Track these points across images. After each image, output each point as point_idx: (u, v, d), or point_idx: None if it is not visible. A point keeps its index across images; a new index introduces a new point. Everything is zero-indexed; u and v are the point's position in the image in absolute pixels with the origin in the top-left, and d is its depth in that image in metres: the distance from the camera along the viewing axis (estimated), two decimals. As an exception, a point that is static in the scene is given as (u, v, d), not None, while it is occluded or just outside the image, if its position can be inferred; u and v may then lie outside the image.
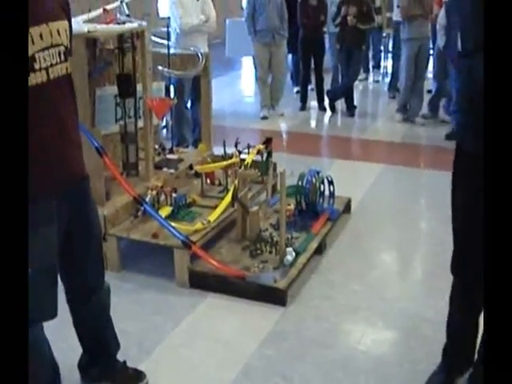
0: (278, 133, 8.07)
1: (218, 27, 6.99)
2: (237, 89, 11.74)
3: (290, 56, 10.17)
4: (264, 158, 4.95)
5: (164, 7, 6.97)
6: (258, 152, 4.87)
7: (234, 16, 14.40)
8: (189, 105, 6.76)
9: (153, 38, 5.05)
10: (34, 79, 2.20)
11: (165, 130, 6.81)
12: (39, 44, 2.20)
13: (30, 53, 2.16)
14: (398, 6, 8.22)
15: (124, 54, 4.41)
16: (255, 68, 9.14)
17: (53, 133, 2.32)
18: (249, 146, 4.92)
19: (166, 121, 6.64)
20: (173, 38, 6.30)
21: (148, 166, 4.60)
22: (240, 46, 11.23)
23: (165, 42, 5.45)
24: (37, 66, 2.20)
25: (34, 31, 2.18)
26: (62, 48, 2.32)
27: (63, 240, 2.46)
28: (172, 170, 4.85)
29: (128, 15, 4.81)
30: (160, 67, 5.18)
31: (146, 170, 4.60)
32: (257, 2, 8.33)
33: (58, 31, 2.30)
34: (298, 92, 9.74)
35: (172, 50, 5.51)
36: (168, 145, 5.45)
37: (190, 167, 5.02)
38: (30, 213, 2.20)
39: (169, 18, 6.37)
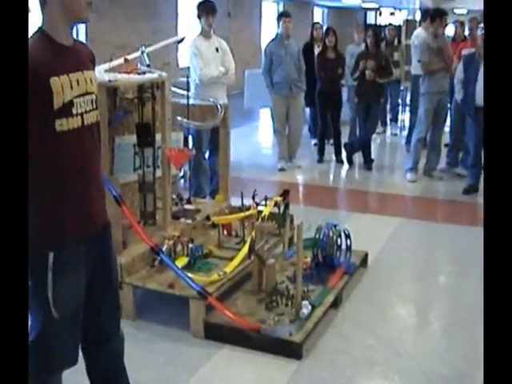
0: (296, 185, 8.12)
1: (236, 78, 7.08)
2: (255, 140, 11.85)
3: (307, 109, 10.30)
4: (281, 211, 4.98)
5: (184, 57, 7.11)
6: (276, 204, 4.90)
7: (253, 67, 14.61)
8: (207, 155, 6.82)
9: (173, 88, 5.14)
10: (71, 124, 2.35)
11: (182, 180, 6.87)
12: (76, 90, 2.37)
13: (70, 98, 2.33)
14: (418, 61, 8.29)
15: (144, 103, 4.50)
16: (273, 120, 9.25)
17: (82, 178, 2.43)
18: (266, 198, 4.96)
19: (184, 171, 6.70)
20: (192, 88, 6.40)
21: (165, 215, 4.64)
22: (258, 97, 11.34)
23: (184, 92, 5.54)
24: (74, 111, 2.36)
25: (74, 77, 2.36)
26: (93, 96, 2.48)
27: (89, 285, 2.53)
28: (189, 221, 4.89)
29: (148, 65, 4.91)
30: (179, 118, 5.27)
31: (164, 220, 4.64)
32: (274, 55, 8.47)
33: (91, 80, 2.47)
34: (315, 145, 9.80)
35: (191, 101, 5.60)
36: (185, 195, 5.49)
37: (207, 218, 5.05)
38: (59, 258, 2.31)
39: (188, 68, 6.49)
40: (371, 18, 28.47)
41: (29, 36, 2.21)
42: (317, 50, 9.53)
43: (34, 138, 2.24)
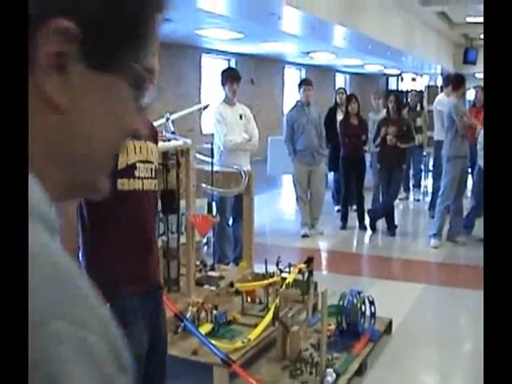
0: (319, 251, 8.14)
1: (260, 145, 7.17)
2: (278, 206, 11.93)
3: (331, 174, 10.39)
4: (305, 277, 4.99)
5: (208, 124, 7.24)
6: (299, 271, 4.92)
7: (276, 134, 14.79)
8: (230, 222, 6.88)
9: (197, 155, 5.25)
10: (133, 185, 2.50)
11: (206, 247, 6.92)
12: (140, 156, 2.53)
13: (133, 160, 2.49)
14: (444, 126, 8.30)
15: (168, 170, 4.58)
16: (295, 187, 9.32)
17: (140, 235, 2.54)
18: (290, 265, 4.98)
19: (208, 237, 6.76)
20: (216, 155, 6.50)
21: (189, 282, 4.68)
22: (281, 163, 11.45)
23: (208, 159, 5.64)
24: (136, 174, 2.51)
25: (138, 144, 2.53)
26: (153, 166, 2.63)
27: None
28: (213, 287, 4.92)
29: (173, 132, 5.02)
30: (203, 184, 5.35)
31: (187, 286, 4.67)
32: (295, 123, 8.59)
33: (152, 151, 2.63)
34: (338, 211, 9.83)
35: (215, 168, 5.69)
36: (209, 261, 5.54)
37: (231, 284, 5.07)
38: (115, 309, 2.35)
39: (212, 134, 6.60)
40: (393, 84, 28.78)
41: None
42: (340, 116, 9.67)
43: None
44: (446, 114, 8.17)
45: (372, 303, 4.95)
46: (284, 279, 4.72)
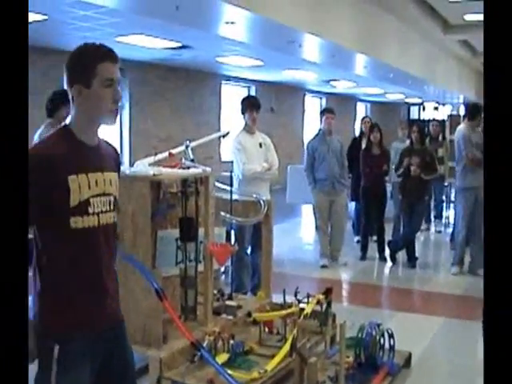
0: (338, 282, 8.13)
1: (279, 173, 7.20)
2: (297, 236, 11.94)
3: (352, 203, 10.39)
4: (324, 309, 5.00)
5: (227, 152, 7.29)
6: (318, 302, 4.93)
7: (296, 162, 14.84)
8: (249, 251, 6.89)
9: (216, 183, 5.29)
10: (87, 222, 2.43)
11: (224, 276, 6.94)
12: (94, 190, 2.46)
13: (86, 196, 2.42)
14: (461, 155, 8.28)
15: (187, 197, 4.63)
16: (315, 216, 9.32)
17: (93, 275, 2.49)
18: (308, 296, 5.00)
19: (226, 266, 6.78)
20: (235, 183, 6.53)
21: (206, 310, 4.70)
22: (301, 192, 11.46)
23: (227, 187, 5.67)
24: (90, 210, 2.44)
25: (92, 177, 2.47)
26: (112, 198, 2.56)
27: (95, 381, 2.53)
28: (230, 317, 4.94)
29: (192, 160, 5.07)
30: (222, 213, 5.39)
31: (205, 315, 4.70)
32: (316, 152, 8.61)
33: (111, 181, 2.56)
34: (358, 242, 9.82)
35: (234, 196, 5.71)
36: (227, 290, 5.56)
37: (249, 314, 5.09)
38: (64, 352, 2.37)
39: (232, 162, 6.64)
40: (415, 113, 28.82)
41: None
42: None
43: (48, 231, 2.40)
44: (456, 144, 8.22)
45: (391, 336, 4.94)
46: (302, 310, 4.74)
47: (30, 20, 8.20)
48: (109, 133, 13.77)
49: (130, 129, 13.99)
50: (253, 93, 18.24)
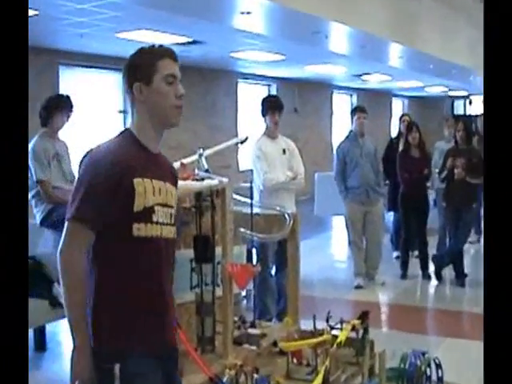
0: (376, 305, 8.10)
1: (305, 182, 7.15)
2: (327, 253, 11.93)
3: (391, 213, 10.33)
4: (360, 335, 4.98)
5: (246, 160, 7.30)
6: (353, 328, 4.90)
7: (324, 169, 14.80)
8: (273, 271, 6.89)
9: (234, 195, 5.30)
10: (150, 231, 2.55)
11: (245, 300, 6.95)
12: (158, 198, 2.58)
13: (151, 203, 2.55)
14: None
15: (202, 213, 4.63)
16: (347, 230, 9.28)
17: (155, 289, 2.59)
18: (342, 321, 4.97)
19: (247, 290, 6.79)
20: (256, 195, 6.52)
21: (226, 341, 4.69)
22: (330, 203, 11.43)
23: (247, 200, 5.66)
24: (154, 219, 2.56)
25: (157, 184, 2.59)
26: (172, 211, 2.68)
27: None
28: (253, 347, 4.92)
29: (207, 170, 5.08)
30: (242, 229, 5.38)
31: (224, 346, 4.69)
32: (347, 156, 8.58)
33: (172, 194, 2.69)
34: (397, 257, 9.77)
35: (255, 210, 5.71)
36: (249, 317, 5.55)
37: (274, 344, 5.07)
38: (126, 371, 2.47)
39: (251, 171, 6.64)
40: (459, 108, 28.65)
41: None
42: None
43: (108, 239, 2.49)
44: None
45: (439, 366, 4.90)
46: (335, 337, 4.72)
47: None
48: (112, 135, 14.00)
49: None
50: (273, 92, 18.29)
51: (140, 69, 2.63)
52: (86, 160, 2.60)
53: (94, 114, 13.48)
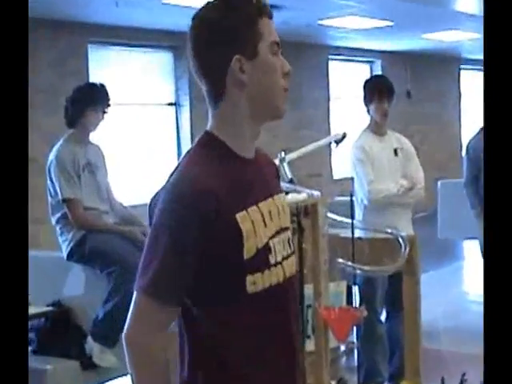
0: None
1: (425, 194, 7.09)
2: (458, 290, 11.83)
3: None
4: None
5: (343, 165, 7.27)
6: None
7: (450, 175, 14.65)
8: (383, 317, 6.85)
9: (329, 214, 5.28)
10: (269, 279, 2.40)
11: (346, 357, 6.93)
12: (271, 227, 2.46)
13: (265, 239, 2.40)
14: None
15: (286, 239, 4.64)
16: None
17: (279, 354, 2.48)
18: (483, 386, 4.92)
19: (349, 342, 6.76)
20: (358, 212, 6.48)
21: (322, 413, 4.69)
22: (459, 222, 11.27)
23: (347, 220, 5.63)
24: (272, 260, 2.43)
25: (265, 208, 2.46)
26: (289, 234, 2.57)
27: None
28: (359, 421, 4.92)
29: (291, 180, 5.08)
30: (340, 259, 5.36)
31: (319, 420, 4.69)
32: (481, 161, 8.46)
33: (283, 209, 2.56)
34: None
35: (358, 233, 5.68)
36: (352, 379, 5.54)
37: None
38: None
39: (352, 180, 6.60)
40: None
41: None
42: None
43: (211, 305, 2.36)
44: None
45: None
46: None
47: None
48: (158, 140, 14.02)
49: (191, 134, 14.17)
50: (378, 71, 18.23)
51: (237, 34, 2.39)
52: (158, 202, 2.36)
53: (134, 108, 13.62)
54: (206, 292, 2.34)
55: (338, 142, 6.55)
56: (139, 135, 13.40)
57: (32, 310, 5.58)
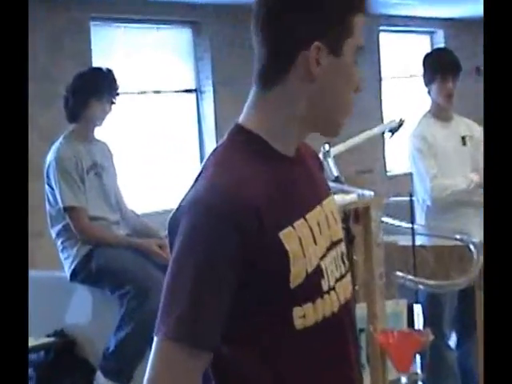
0: None
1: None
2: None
3: None
4: None
5: (399, 158, 7.25)
6: None
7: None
8: (452, 342, 6.83)
9: (384, 218, 5.26)
10: (322, 309, 2.27)
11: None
12: (321, 243, 2.33)
13: (315, 261, 2.27)
14: None
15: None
16: None
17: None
18: None
19: (413, 373, 6.75)
20: (420, 215, 6.47)
21: None
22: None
23: (406, 224, 5.61)
24: (324, 285, 2.31)
25: (313, 219, 2.32)
26: (342, 247, 2.46)
27: None
28: None
29: (337, 178, 5.07)
30: (399, 273, 5.35)
31: None
32: None
33: (333, 215, 2.46)
34: None
35: (420, 240, 5.67)
36: (417, 419, 5.53)
37: None
38: None
39: (410, 175, 6.59)
40: None
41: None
42: None
43: (245, 343, 2.24)
44: None
45: None
46: None
47: None
48: (176, 135, 13.98)
49: (215, 126, 14.22)
50: (440, 43, 18.18)
51: (327, 17, 2.25)
52: (181, 220, 2.18)
53: (147, 97, 13.61)
54: (242, 329, 2.22)
55: (393, 131, 6.53)
56: (153, 129, 13.37)
57: (30, 342, 5.59)
